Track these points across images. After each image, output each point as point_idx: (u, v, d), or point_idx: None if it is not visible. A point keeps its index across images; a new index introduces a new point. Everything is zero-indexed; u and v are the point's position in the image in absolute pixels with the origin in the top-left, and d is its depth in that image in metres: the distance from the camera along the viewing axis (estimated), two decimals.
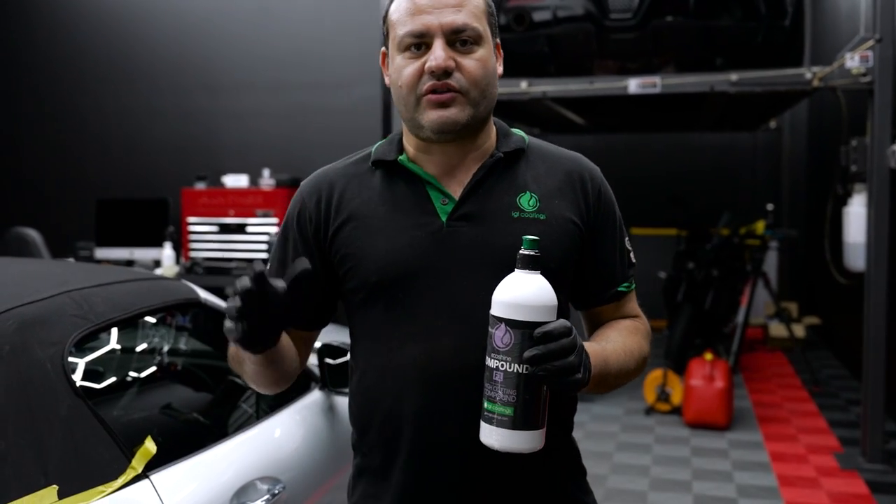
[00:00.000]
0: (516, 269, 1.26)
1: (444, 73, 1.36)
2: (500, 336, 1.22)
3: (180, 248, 5.82)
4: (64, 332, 1.69)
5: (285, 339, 1.43)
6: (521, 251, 1.26)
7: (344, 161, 1.53)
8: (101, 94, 6.38)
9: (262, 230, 5.51)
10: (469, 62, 1.38)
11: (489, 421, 1.24)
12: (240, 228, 5.62)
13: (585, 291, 1.52)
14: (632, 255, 1.56)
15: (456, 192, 1.43)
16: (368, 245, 1.41)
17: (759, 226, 6.75)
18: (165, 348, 2.26)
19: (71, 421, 1.58)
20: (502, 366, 1.22)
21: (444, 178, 1.45)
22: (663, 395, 5.52)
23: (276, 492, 1.93)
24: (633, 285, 1.56)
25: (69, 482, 1.49)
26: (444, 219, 1.41)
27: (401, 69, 1.40)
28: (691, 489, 4.25)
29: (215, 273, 5.49)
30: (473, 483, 1.39)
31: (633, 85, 4.86)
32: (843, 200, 5.00)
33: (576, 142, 9.72)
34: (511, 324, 1.21)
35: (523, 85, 5.08)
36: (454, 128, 1.38)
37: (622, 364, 1.42)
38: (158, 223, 5.80)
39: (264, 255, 5.46)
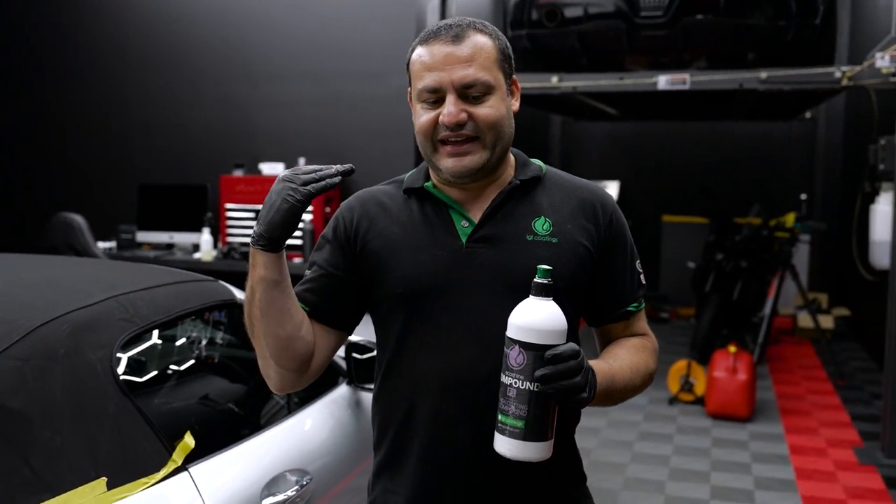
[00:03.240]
0: (530, 296, 1.36)
1: (457, 126, 1.48)
2: (514, 356, 1.34)
3: (218, 233, 6.00)
4: (112, 335, 1.84)
5: (296, 309, 1.50)
6: (535, 280, 1.36)
7: (380, 185, 1.67)
8: (145, 82, 6.58)
9: None
10: (481, 110, 1.49)
11: (502, 432, 1.36)
12: None
13: (597, 310, 1.64)
14: (642, 277, 1.67)
15: (476, 215, 1.55)
16: (395, 260, 1.54)
17: (790, 218, 6.76)
18: (203, 344, 2.42)
19: (118, 418, 1.73)
20: (515, 383, 1.33)
21: (466, 203, 1.57)
22: (687, 386, 5.61)
23: (304, 483, 2.08)
24: (643, 305, 1.66)
25: (117, 474, 1.65)
26: (463, 240, 1.54)
27: (419, 117, 1.52)
28: (709, 480, 4.35)
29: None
30: (480, 484, 1.52)
31: (663, 81, 4.92)
32: (870, 198, 5.04)
33: (609, 129, 9.74)
34: (524, 346, 1.33)
35: (554, 80, 5.17)
36: (470, 173, 1.51)
37: (627, 381, 1.54)
38: (198, 208, 6.00)
39: (299, 242, 5.62)
